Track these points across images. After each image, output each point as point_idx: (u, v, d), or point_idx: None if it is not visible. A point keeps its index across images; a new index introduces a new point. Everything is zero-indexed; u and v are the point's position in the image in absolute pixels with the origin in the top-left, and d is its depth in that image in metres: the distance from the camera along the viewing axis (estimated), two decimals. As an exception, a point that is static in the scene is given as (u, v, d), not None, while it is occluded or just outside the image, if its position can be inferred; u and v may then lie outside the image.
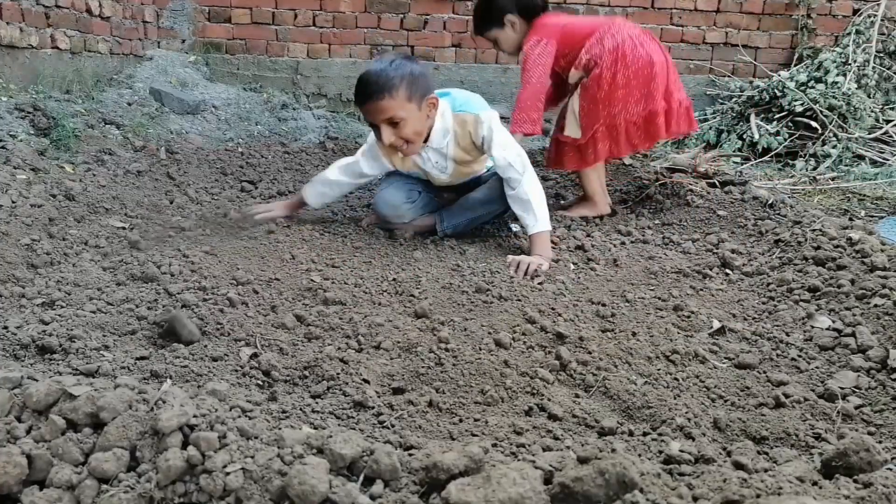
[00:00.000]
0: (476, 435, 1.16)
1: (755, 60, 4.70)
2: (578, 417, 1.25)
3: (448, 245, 2.30)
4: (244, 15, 4.68)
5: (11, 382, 1.01)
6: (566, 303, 1.81)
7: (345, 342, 1.52)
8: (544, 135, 3.29)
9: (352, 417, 1.20)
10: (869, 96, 4.13)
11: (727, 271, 2.11)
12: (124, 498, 0.82)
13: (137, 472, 0.87)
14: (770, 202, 2.69)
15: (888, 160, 3.66)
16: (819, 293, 1.83)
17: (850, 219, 2.61)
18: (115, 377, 1.20)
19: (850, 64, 4.23)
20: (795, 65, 4.55)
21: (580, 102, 2.70)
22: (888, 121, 4.00)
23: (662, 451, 1.09)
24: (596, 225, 2.70)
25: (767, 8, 4.65)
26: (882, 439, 1.18)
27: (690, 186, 3.00)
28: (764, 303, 1.86)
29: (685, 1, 4.62)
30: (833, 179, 3.38)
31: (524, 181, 2.20)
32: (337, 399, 1.26)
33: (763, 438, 1.19)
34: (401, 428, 1.18)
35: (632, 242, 2.45)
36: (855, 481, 0.90)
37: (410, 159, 2.32)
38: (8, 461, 0.84)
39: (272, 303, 1.69)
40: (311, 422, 1.15)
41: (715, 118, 4.51)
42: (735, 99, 4.46)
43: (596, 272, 2.11)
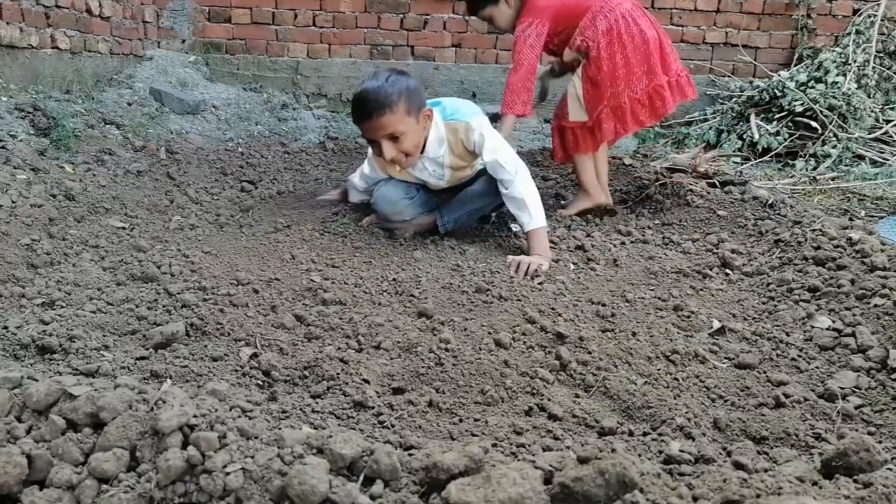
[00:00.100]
0: (476, 435, 1.16)
1: (755, 60, 4.70)
2: (578, 417, 1.25)
3: (448, 245, 2.30)
4: (244, 15, 4.68)
5: (11, 382, 1.01)
6: (566, 303, 1.81)
7: (345, 342, 1.52)
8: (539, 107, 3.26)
9: (352, 417, 1.20)
10: (869, 96, 4.13)
11: (727, 271, 2.11)
12: (124, 498, 0.82)
13: (137, 472, 0.87)
14: (770, 202, 2.69)
15: (888, 160, 3.66)
16: (819, 293, 1.83)
17: (850, 219, 2.61)
18: (115, 377, 1.20)
19: (850, 64, 4.23)
20: (795, 65, 4.55)
21: (583, 85, 2.70)
22: (888, 121, 4.00)
23: (662, 451, 1.09)
24: (596, 225, 2.70)
25: (767, 8, 4.65)
26: (882, 439, 1.18)
27: (690, 186, 3.00)
28: (764, 303, 1.86)
29: (685, 1, 4.62)
30: (833, 179, 3.38)
31: (517, 181, 2.21)
32: (337, 399, 1.26)
33: (763, 438, 1.19)
34: (401, 428, 1.18)
35: (632, 242, 2.45)
36: (855, 481, 0.90)
37: (407, 170, 2.35)
38: (8, 461, 0.84)
39: (272, 303, 1.69)
40: (311, 422, 1.15)
41: (715, 118, 4.51)
42: (735, 99, 4.46)
43: (596, 272, 2.11)
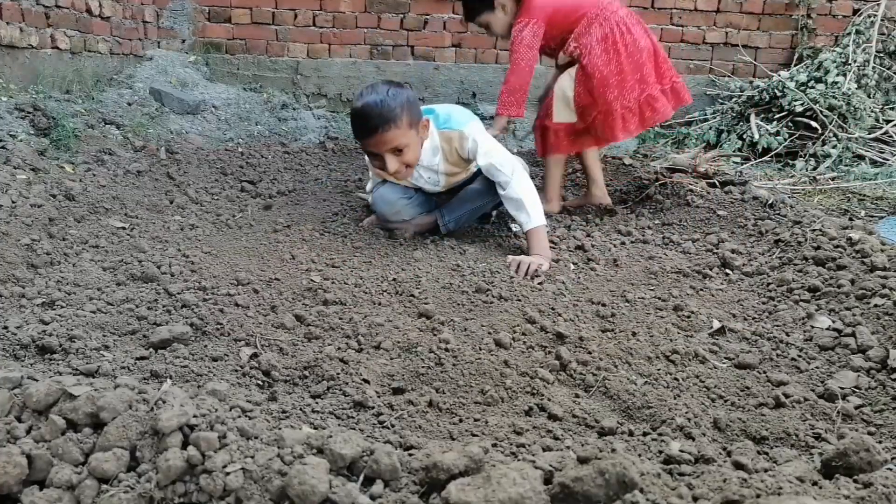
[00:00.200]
0: (476, 435, 1.16)
1: (755, 60, 4.70)
2: (578, 417, 1.25)
3: (448, 245, 2.30)
4: (244, 15, 4.68)
5: (11, 382, 1.01)
6: (566, 303, 1.81)
7: (345, 342, 1.52)
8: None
9: (352, 417, 1.20)
10: (869, 96, 4.13)
11: (727, 271, 2.11)
12: (124, 498, 0.82)
13: (137, 472, 0.87)
14: (770, 202, 2.69)
15: (888, 160, 3.66)
16: (819, 293, 1.83)
17: (850, 219, 2.61)
18: (115, 377, 1.20)
19: (850, 64, 4.23)
20: (795, 65, 4.55)
21: (576, 88, 2.71)
22: (888, 121, 4.00)
23: (662, 451, 1.09)
24: (596, 225, 2.70)
25: (767, 8, 4.65)
26: (882, 439, 1.18)
27: (690, 186, 3.00)
28: (764, 303, 1.86)
29: (685, 1, 4.62)
30: (833, 179, 3.38)
31: (513, 182, 2.21)
32: (337, 399, 1.26)
33: (763, 438, 1.19)
34: (401, 428, 1.18)
35: (632, 242, 2.45)
36: (855, 481, 0.90)
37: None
38: (8, 461, 0.84)
39: (272, 303, 1.69)
40: (311, 422, 1.15)
41: (715, 118, 4.51)
42: (735, 99, 4.46)
43: (596, 272, 2.11)
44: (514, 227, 2.54)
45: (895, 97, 4.29)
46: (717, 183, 3.10)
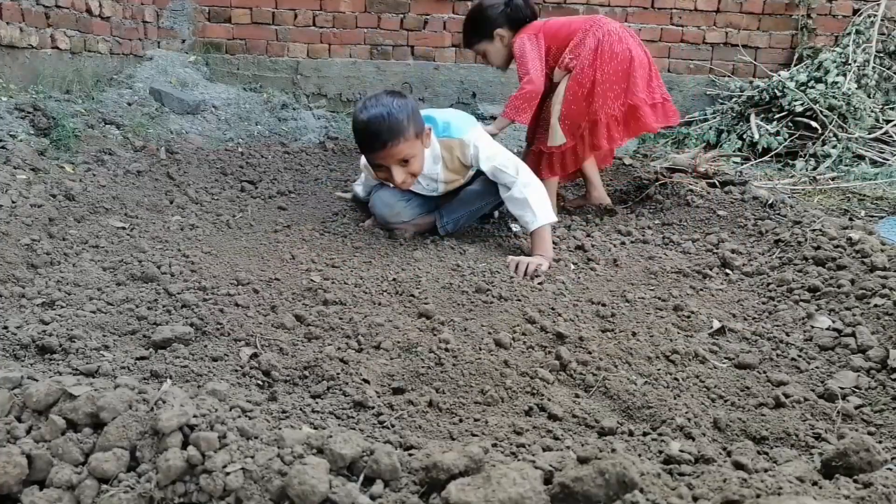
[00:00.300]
0: (476, 435, 1.16)
1: (755, 60, 4.70)
2: (578, 417, 1.25)
3: (448, 245, 2.30)
4: (244, 15, 4.68)
5: (11, 382, 1.01)
6: (566, 303, 1.81)
7: (345, 342, 1.52)
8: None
9: (352, 417, 1.20)
10: (869, 96, 4.13)
11: (727, 271, 2.11)
12: (124, 498, 0.82)
13: (137, 472, 0.87)
14: (770, 202, 2.69)
15: (888, 160, 3.66)
16: (819, 293, 1.83)
17: (850, 219, 2.61)
18: (115, 377, 1.20)
19: (850, 64, 4.23)
20: (795, 65, 4.55)
21: (561, 109, 2.71)
22: (888, 121, 4.00)
23: (662, 451, 1.09)
24: (596, 225, 2.70)
25: (767, 8, 4.65)
26: (882, 439, 1.18)
27: (690, 186, 3.00)
28: (764, 303, 1.86)
29: (685, 1, 4.62)
30: (833, 179, 3.38)
31: (518, 181, 2.20)
32: (337, 399, 1.26)
33: (763, 438, 1.19)
34: (401, 428, 1.18)
35: (632, 242, 2.45)
36: (855, 481, 0.90)
37: None
38: (8, 461, 0.84)
39: (272, 303, 1.69)
40: (311, 422, 1.15)
41: (715, 118, 4.51)
42: (735, 99, 4.46)
43: (596, 272, 2.11)
44: (515, 227, 2.54)
45: (895, 97, 4.29)
46: (717, 183, 3.09)
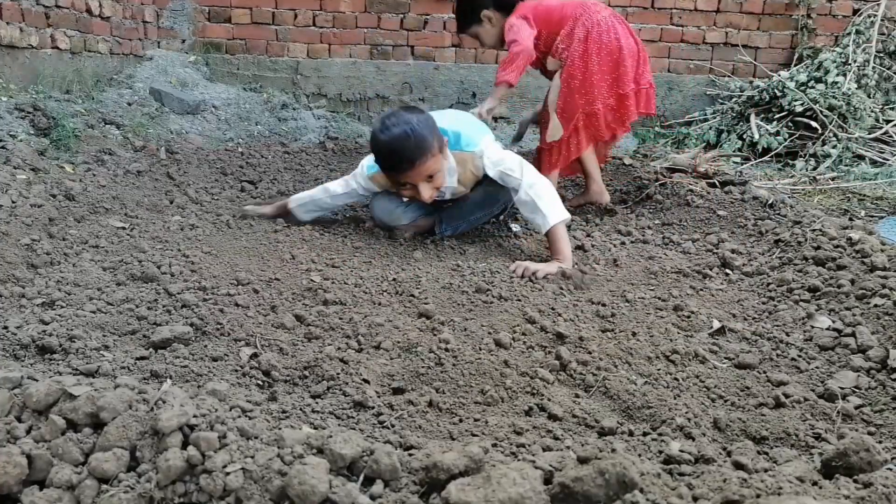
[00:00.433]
0: (476, 435, 1.16)
1: (755, 60, 4.70)
2: (578, 417, 1.25)
3: (448, 245, 2.30)
4: (244, 15, 4.68)
5: (11, 382, 1.01)
6: (566, 303, 1.81)
7: (345, 342, 1.52)
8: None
9: (352, 417, 1.20)
10: (869, 96, 4.13)
11: (727, 271, 2.11)
12: (124, 498, 0.82)
13: (137, 472, 0.87)
14: (770, 202, 2.69)
15: (888, 160, 3.66)
16: (819, 293, 1.83)
17: (850, 219, 2.61)
18: (115, 377, 1.20)
19: (850, 64, 4.23)
20: (795, 65, 4.55)
21: (558, 101, 2.74)
22: (888, 121, 4.00)
23: (662, 451, 1.09)
24: (596, 225, 2.70)
25: (767, 8, 4.65)
26: (882, 439, 1.18)
27: (690, 186, 3.01)
28: (764, 303, 1.86)
29: (685, 1, 4.62)
30: (833, 179, 3.38)
31: (524, 183, 2.18)
32: (337, 399, 1.26)
33: (763, 438, 1.19)
34: (401, 428, 1.18)
35: (632, 242, 2.45)
36: (855, 481, 0.90)
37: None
38: (8, 461, 0.84)
39: (272, 303, 1.69)
40: (311, 422, 1.15)
41: (715, 118, 4.51)
42: (735, 99, 4.46)
43: (596, 272, 2.11)
44: (515, 227, 2.54)
45: (895, 97, 4.29)
46: (717, 183, 3.10)
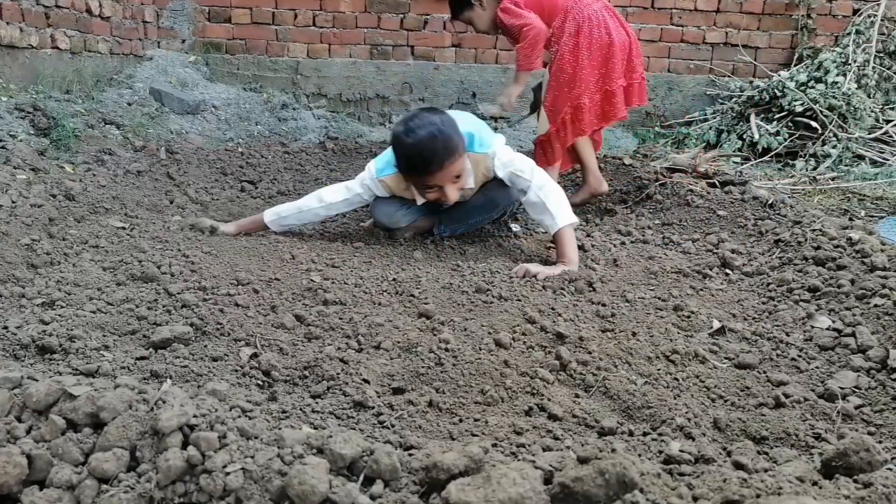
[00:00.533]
0: (476, 435, 1.16)
1: (755, 60, 4.70)
2: (578, 417, 1.25)
3: (448, 245, 2.30)
4: (244, 15, 4.68)
5: (11, 382, 1.01)
6: (566, 303, 1.81)
7: (345, 342, 1.52)
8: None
9: (352, 417, 1.20)
10: (869, 96, 4.13)
11: (727, 271, 2.11)
12: (124, 498, 0.82)
13: (137, 472, 0.87)
14: (770, 202, 2.69)
15: (888, 160, 3.66)
16: (819, 293, 1.83)
17: (850, 219, 2.61)
18: (115, 377, 1.20)
19: (850, 64, 4.23)
20: (795, 65, 4.55)
21: (547, 96, 2.78)
22: (888, 121, 4.00)
23: (662, 451, 1.09)
24: (596, 225, 2.70)
25: (767, 8, 4.65)
26: (882, 439, 1.18)
27: (690, 186, 3.00)
28: (764, 303, 1.86)
29: (685, 1, 4.62)
30: (833, 179, 3.38)
31: (534, 185, 2.18)
32: (337, 399, 1.26)
33: (763, 438, 1.19)
34: (401, 428, 1.18)
35: (632, 242, 2.45)
36: (855, 481, 0.90)
37: (412, 190, 2.24)
38: (8, 461, 0.84)
39: (272, 303, 1.69)
40: (311, 422, 1.15)
41: (715, 118, 4.51)
42: (735, 99, 4.46)
43: (596, 272, 2.11)
44: (515, 227, 2.54)
45: (895, 97, 4.29)
46: (717, 183, 3.09)
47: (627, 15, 4.61)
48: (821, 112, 3.88)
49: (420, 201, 2.26)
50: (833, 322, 1.66)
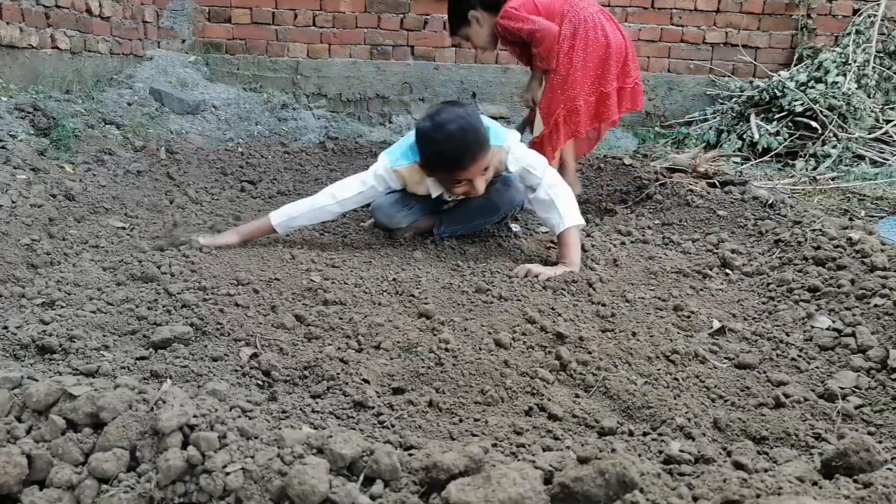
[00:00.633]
0: (476, 435, 1.16)
1: (755, 60, 4.70)
2: (578, 417, 1.25)
3: (448, 245, 2.30)
4: (244, 15, 4.68)
5: (11, 382, 1.01)
6: (566, 303, 1.81)
7: (345, 342, 1.52)
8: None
9: (352, 417, 1.20)
10: (869, 96, 4.13)
11: (727, 271, 2.11)
12: (124, 498, 0.82)
13: (137, 472, 0.87)
14: (770, 202, 2.69)
15: (888, 160, 3.66)
16: (819, 293, 1.83)
17: (850, 219, 2.61)
18: (115, 377, 1.20)
19: (850, 64, 4.23)
20: (795, 65, 4.55)
21: (542, 98, 2.81)
22: (888, 121, 4.00)
23: (662, 451, 1.09)
24: (596, 225, 2.70)
25: (767, 8, 4.65)
26: (882, 439, 1.18)
27: (690, 186, 3.00)
28: (764, 303, 1.86)
29: (685, 1, 4.62)
30: (833, 179, 3.38)
31: (544, 182, 2.17)
32: (337, 399, 1.26)
33: (763, 438, 1.19)
34: (401, 428, 1.18)
35: (632, 242, 2.45)
36: (855, 481, 0.90)
37: (425, 184, 2.23)
38: (8, 461, 0.84)
39: (272, 303, 1.69)
40: (311, 422, 1.15)
41: (715, 118, 4.51)
42: (735, 99, 4.46)
43: (596, 272, 2.11)
44: (514, 227, 2.54)
45: (895, 97, 4.29)
46: (717, 183, 3.09)
47: (627, 15, 4.61)
48: (821, 112, 3.88)
49: (434, 194, 2.23)
50: (833, 322, 1.66)
